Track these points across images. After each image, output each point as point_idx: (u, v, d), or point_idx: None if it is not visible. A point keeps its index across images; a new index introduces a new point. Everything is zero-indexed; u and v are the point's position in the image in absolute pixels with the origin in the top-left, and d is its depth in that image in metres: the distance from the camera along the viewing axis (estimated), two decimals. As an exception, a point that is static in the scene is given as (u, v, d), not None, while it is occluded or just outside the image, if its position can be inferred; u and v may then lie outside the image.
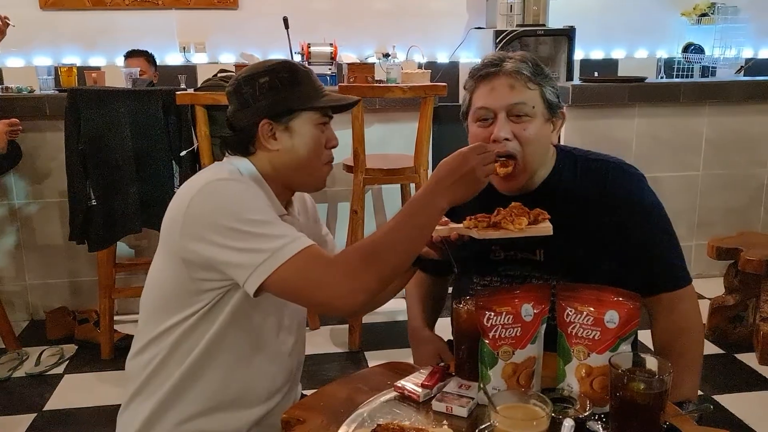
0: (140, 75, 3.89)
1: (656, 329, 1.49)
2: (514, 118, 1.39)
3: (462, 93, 1.53)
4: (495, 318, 1.16)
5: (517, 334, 1.17)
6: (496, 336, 1.16)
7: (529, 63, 1.41)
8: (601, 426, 1.08)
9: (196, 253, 1.24)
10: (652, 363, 1.09)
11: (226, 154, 1.41)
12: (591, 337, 1.15)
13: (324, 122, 1.37)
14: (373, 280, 1.19)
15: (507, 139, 1.38)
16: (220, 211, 1.23)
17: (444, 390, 1.24)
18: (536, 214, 1.29)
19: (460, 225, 1.31)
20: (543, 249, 1.45)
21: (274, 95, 1.32)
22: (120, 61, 4.20)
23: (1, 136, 2.81)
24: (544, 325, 1.21)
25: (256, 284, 1.19)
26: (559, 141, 1.58)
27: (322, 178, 1.42)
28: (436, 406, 1.20)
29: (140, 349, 1.38)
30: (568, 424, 0.97)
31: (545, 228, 1.27)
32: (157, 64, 4.17)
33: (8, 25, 3.06)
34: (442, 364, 1.33)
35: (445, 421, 1.16)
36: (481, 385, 1.18)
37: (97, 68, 4.20)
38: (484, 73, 1.41)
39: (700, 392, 2.65)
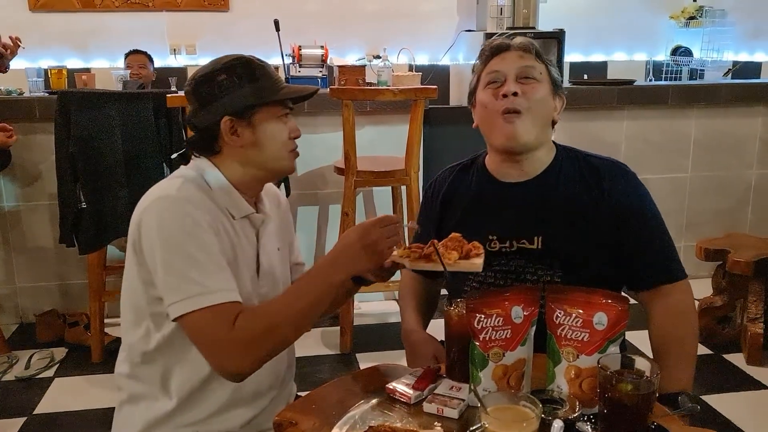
0: (141, 70, 3.89)
1: (654, 319, 1.50)
2: (523, 80, 1.47)
3: (453, 94, 1.59)
4: (485, 320, 1.17)
5: (507, 336, 1.18)
6: (487, 338, 1.17)
7: (536, 45, 1.53)
8: (590, 427, 1.10)
9: (147, 265, 1.27)
10: (640, 364, 1.10)
11: (193, 156, 1.41)
12: (580, 338, 1.16)
13: (285, 114, 1.38)
14: (266, 353, 1.25)
15: (515, 94, 1.44)
16: (163, 233, 1.24)
17: (435, 392, 1.24)
18: (469, 249, 1.30)
19: (396, 252, 1.31)
20: (542, 236, 1.48)
21: (233, 92, 1.32)
22: (109, 63, 4.19)
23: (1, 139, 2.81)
24: (534, 327, 1.22)
25: (176, 313, 1.22)
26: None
27: (290, 166, 1.42)
28: (428, 408, 1.21)
29: (125, 356, 1.39)
30: (557, 425, 0.98)
31: (475, 265, 1.29)
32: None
33: (19, 46, 3.09)
34: (434, 366, 1.33)
35: (436, 423, 1.17)
36: (472, 387, 1.19)
37: (87, 70, 4.19)
38: (498, 46, 1.51)
39: (688, 392, 2.68)
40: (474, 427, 1.04)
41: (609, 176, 1.51)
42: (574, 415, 1.10)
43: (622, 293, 1.26)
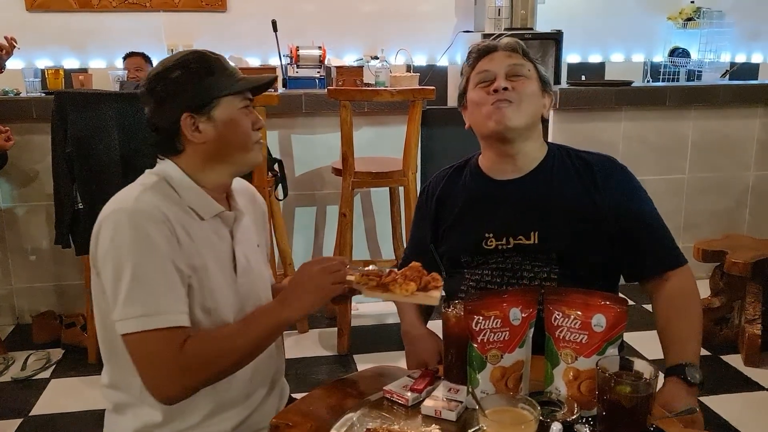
0: (137, 73, 3.89)
1: (659, 302, 1.51)
2: (512, 77, 1.49)
3: (451, 95, 1.60)
4: (484, 322, 1.17)
5: (506, 338, 1.18)
6: (485, 340, 1.17)
7: (523, 45, 1.56)
8: (589, 429, 1.09)
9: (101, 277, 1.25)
10: (639, 366, 1.09)
11: (158, 158, 1.36)
12: (578, 340, 1.16)
13: (246, 105, 1.34)
14: (202, 383, 1.24)
15: (506, 89, 1.46)
16: (114, 249, 1.21)
17: (433, 394, 1.24)
18: (428, 281, 1.27)
19: (355, 275, 1.29)
20: (537, 231, 1.49)
21: (189, 87, 1.29)
22: (106, 63, 4.18)
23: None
24: (532, 329, 1.21)
25: (122, 330, 1.20)
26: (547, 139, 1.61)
27: (256, 158, 1.39)
28: (425, 410, 1.20)
29: (104, 366, 1.37)
30: (555, 427, 0.98)
31: (432, 297, 1.26)
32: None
33: (14, 46, 3.09)
34: (432, 367, 1.33)
35: (434, 425, 1.17)
36: (470, 389, 1.19)
37: (84, 71, 4.18)
38: (483, 49, 1.55)
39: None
40: (472, 430, 1.03)
41: (602, 171, 1.53)
42: (573, 418, 1.10)
43: (620, 294, 1.26)
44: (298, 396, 1.34)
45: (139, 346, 1.21)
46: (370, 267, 1.35)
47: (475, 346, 1.17)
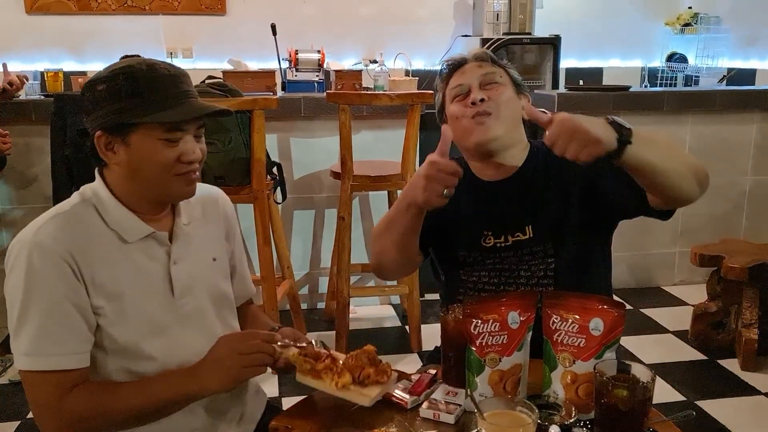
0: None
1: None
2: (486, 87, 1.51)
3: (436, 96, 1.62)
4: (482, 325, 1.17)
5: (504, 341, 1.18)
6: (483, 343, 1.18)
7: (491, 54, 1.58)
8: (586, 432, 1.10)
9: None
10: (636, 370, 1.10)
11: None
12: (576, 344, 1.17)
13: (170, 137, 1.21)
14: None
15: (482, 100, 1.48)
16: (8, 283, 1.19)
17: (431, 397, 1.25)
18: (368, 374, 1.22)
19: (291, 352, 1.25)
20: (531, 225, 1.51)
21: (108, 106, 1.19)
22: (105, 66, 4.17)
23: None
24: (530, 333, 1.22)
25: (16, 365, 1.19)
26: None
27: (180, 192, 1.28)
28: (424, 413, 1.21)
29: None
30: (553, 430, 0.99)
31: (364, 397, 1.19)
32: (144, 69, 4.16)
33: (24, 83, 3.15)
34: (431, 371, 1.34)
35: (433, 428, 1.17)
36: (469, 392, 1.19)
37: (84, 73, 4.18)
38: (455, 63, 1.57)
39: (683, 398, 2.69)
40: (470, 433, 1.04)
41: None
42: (570, 421, 1.10)
43: (617, 298, 1.26)
44: (297, 399, 1.33)
45: (27, 384, 1.18)
46: (314, 343, 1.29)
47: (474, 349, 1.18)
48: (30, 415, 2.59)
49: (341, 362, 1.24)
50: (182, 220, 1.33)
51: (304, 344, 1.29)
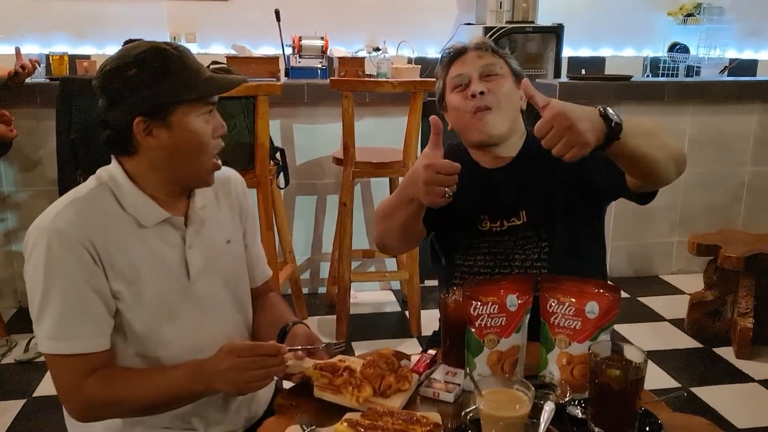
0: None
1: None
2: (486, 78, 1.53)
3: (437, 83, 1.64)
4: (481, 307, 1.21)
5: (502, 323, 1.22)
6: (482, 325, 1.21)
7: (491, 44, 1.59)
8: (580, 410, 1.14)
9: None
10: (629, 352, 1.14)
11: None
12: (572, 327, 1.20)
13: (207, 111, 1.24)
14: (105, 417, 1.25)
15: (482, 93, 1.51)
16: (28, 269, 1.20)
17: (431, 377, 1.28)
18: (389, 384, 1.20)
19: (307, 366, 1.24)
20: (524, 210, 1.56)
21: (145, 90, 1.18)
22: (109, 50, 4.19)
23: (1, 131, 2.83)
24: (528, 316, 1.26)
25: (39, 348, 1.21)
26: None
27: (209, 174, 1.30)
28: (424, 392, 1.24)
29: None
30: (548, 407, 1.02)
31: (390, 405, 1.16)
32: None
33: (36, 68, 3.14)
34: (431, 352, 1.37)
35: (433, 406, 1.21)
36: (467, 372, 1.23)
37: (88, 57, 4.19)
38: (456, 51, 1.58)
39: (677, 384, 2.73)
40: (469, 409, 1.07)
41: None
42: (565, 400, 1.14)
43: (609, 282, 1.29)
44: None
45: (50, 366, 1.22)
46: (323, 347, 1.26)
47: (473, 330, 1.22)
48: (36, 394, 2.64)
49: (359, 372, 1.21)
50: (197, 204, 1.34)
51: (320, 346, 1.29)
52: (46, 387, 2.69)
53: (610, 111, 1.17)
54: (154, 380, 1.23)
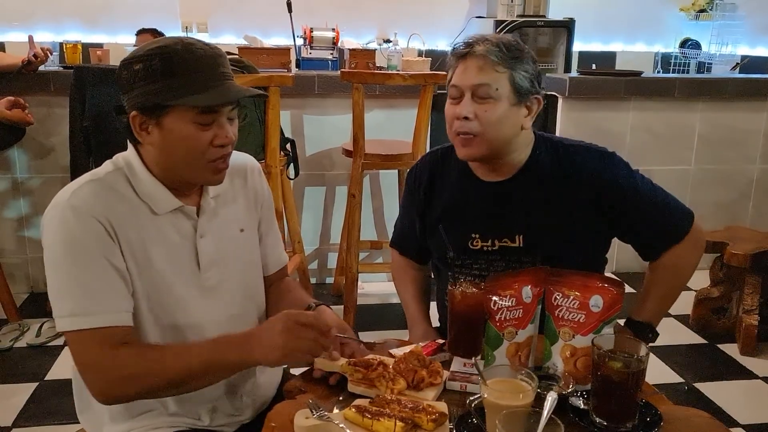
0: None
1: (650, 266, 1.61)
2: (478, 98, 1.43)
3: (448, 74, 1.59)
4: (501, 301, 1.23)
5: (519, 315, 1.24)
6: (502, 318, 1.23)
7: (502, 47, 1.43)
8: (582, 401, 1.16)
9: None
10: (631, 345, 1.16)
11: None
12: (576, 320, 1.22)
13: (204, 121, 1.21)
14: (134, 394, 1.21)
15: (467, 118, 1.43)
16: (47, 245, 1.20)
17: (452, 370, 1.29)
18: (421, 377, 1.21)
19: (341, 363, 1.26)
20: (523, 235, 1.50)
21: (143, 86, 1.18)
22: (121, 39, 4.22)
23: (19, 116, 2.87)
24: (540, 306, 1.28)
25: (60, 328, 1.19)
26: (548, 130, 1.63)
27: (206, 179, 1.28)
28: (450, 385, 1.25)
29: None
30: (551, 397, 1.04)
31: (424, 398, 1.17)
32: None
33: (48, 57, 3.17)
34: (438, 341, 1.39)
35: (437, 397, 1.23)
36: (474, 360, 1.25)
37: (100, 45, 4.23)
38: (460, 53, 1.47)
39: (681, 379, 2.75)
40: (473, 398, 1.10)
41: (587, 162, 1.50)
42: (568, 391, 1.16)
43: (612, 275, 1.31)
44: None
45: (75, 344, 1.19)
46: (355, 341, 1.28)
47: (493, 324, 1.23)
48: (48, 377, 2.68)
49: (391, 368, 1.23)
50: (210, 194, 1.34)
51: (353, 339, 1.32)
52: (58, 371, 2.74)
53: (651, 336, 1.48)
54: (190, 350, 1.21)
